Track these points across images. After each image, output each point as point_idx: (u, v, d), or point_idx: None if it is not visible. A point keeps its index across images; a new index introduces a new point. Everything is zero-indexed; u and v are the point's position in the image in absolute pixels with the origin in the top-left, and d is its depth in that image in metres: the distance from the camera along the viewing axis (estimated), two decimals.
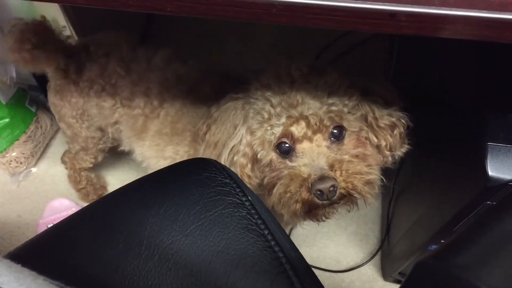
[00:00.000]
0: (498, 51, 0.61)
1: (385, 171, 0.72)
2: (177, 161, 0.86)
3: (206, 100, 0.83)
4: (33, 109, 1.24)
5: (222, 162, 0.69)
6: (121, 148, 1.02)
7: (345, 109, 0.65)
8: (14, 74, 1.15)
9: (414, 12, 0.37)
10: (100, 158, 1.10)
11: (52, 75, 0.94)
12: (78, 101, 0.93)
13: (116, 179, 1.27)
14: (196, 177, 0.56)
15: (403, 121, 0.70)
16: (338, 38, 1.38)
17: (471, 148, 0.60)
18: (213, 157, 0.72)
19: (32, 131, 1.24)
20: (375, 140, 0.68)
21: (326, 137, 0.65)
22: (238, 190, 0.55)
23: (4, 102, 1.14)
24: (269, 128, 0.66)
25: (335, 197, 0.62)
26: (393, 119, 0.69)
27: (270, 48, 1.46)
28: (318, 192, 0.61)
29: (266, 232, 0.51)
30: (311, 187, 0.61)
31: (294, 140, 0.65)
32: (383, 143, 0.69)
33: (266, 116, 0.66)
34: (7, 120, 1.16)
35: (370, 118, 0.68)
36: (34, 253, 0.55)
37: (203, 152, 0.75)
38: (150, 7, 0.41)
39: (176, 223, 0.52)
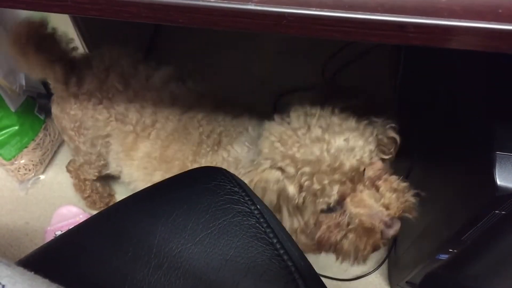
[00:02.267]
0: (506, 61, 0.62)
1: None
2: None
3: (198, 126, 0.85)
4: (42, 117, 1.25)
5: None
6: (107, 171, 1.02)
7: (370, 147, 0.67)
8: (23, 82, 1.16)
9: (423, 23, 0.37)
10: (104, 172, 1.10)
11: (54, 87, 0.95)
12: (76, 113, 0.94)
13: (123, 187, 1.28)
14: (205, 186, 0.57)
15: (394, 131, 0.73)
16: (344, 46, 1.38)
17: (480, 158, 0.60)
18: None
19: (40, 139, 1.24)
20: (384, 156, 0.72)
21: (362, 178, 0.67)
22: (247, 198, 0.55)
23: (13, 110, 1.15)
24: (321, 200, 0.66)
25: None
26: (391, 128, 0.71)
27: (277, 56, 1.46)
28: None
29: (275, 240, 0.51)
30: (382, 234, 0.66)
31: (344, 196, 0.66)
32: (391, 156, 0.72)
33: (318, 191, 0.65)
34: (16, 127, 1.17)
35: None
36: (44, 261, 0.55)
37: None
38: (162, 19, 0.41)
39: (185, 232, 0.52)
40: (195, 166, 0.80)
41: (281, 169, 0.67)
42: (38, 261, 0.55)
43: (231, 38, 1.45)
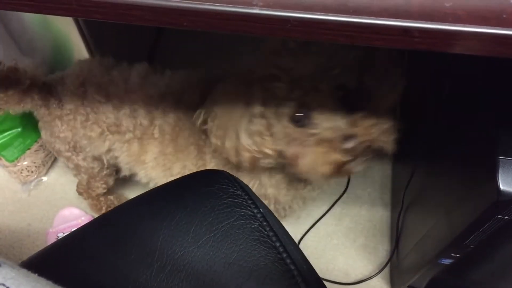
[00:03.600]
0: (510, 65, 0.62)
1: (396, 183, 0.73)
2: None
3: (198, 108, 0.83)
4: None
5: (241, 135, 0.71)
6: (122, 174, 1.00)
7: (345, 69, 0.68)
8: None
9: (427, 28, 0.37)
10: (111, 182, 1.10)
11: (38, 114, 0.94)
12: (67, 135, 0.92)
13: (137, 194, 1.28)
14: (208, 189, 0.57)
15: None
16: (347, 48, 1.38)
17: (482, 162, 0.60)
18: (227, 137, 0.73)
19: (43, 141, 1.25)
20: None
21: (336, 99, 0.68)
22: (250, 202, 0.55)
23: None
24: (283, 102, 0.68)
25: (360, 151, 0.66)
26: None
27: None
28: (347, 150, 0.64)
29: (277, 244, 0.51)
30: (338, 148, 0.65)
31: (309, 108, 0.67)
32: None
33: (280, 94, 0.67)
34: (19, 129, 1.18)
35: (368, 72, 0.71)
36: (47, 263, 0.55)
37: (212, 139, 0.75)
38: (166, 22, 0.41)
39: (188, 234, 0.52)
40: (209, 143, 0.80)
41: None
42: (41, 263, 0.55)
43: (235, 38, 1.45)
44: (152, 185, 0.94)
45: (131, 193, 1.27)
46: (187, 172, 0.86)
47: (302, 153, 0.69)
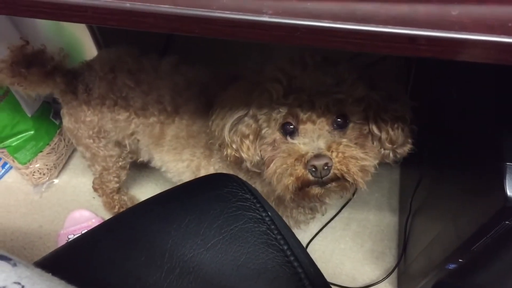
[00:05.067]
0: None
1: (404, 189, 0.73)
2: (194, 162, 0.90)
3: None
4: (57, 122, 1.27)
5: (225, 130, 0.73)
6: (140, 159, 1.03)
7: (350, 100, 0.68)
8: None
9: (434, 36, 0.38)
10: (123, 176, 1.12)
11: (63, 100, 0.97)
12: (92, 119, 0.95)
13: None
14: (217, 192, 0.58)
15: (406, 116, 0.72)
16: (354, 56, 1.39)
17: (490, 168, 0.61)
18: (219, 128, 0.75)
19: (55, 143, 1.27)
20: (378, 132, 0.71)
21: (329, 122, 0.68)
22: (258, 205, 0.56)
23: (29, 115, 1.17)
24: (276, 106, 0.69)
25: (328, 176, 0.65)
26: (397, 114, 0.71)
27: None
28: (312, 168, 0.64)
29: (285, 247, 0.52)
30: (307, 163, 0.64)
31: (299, 121, 0.68)
32: (384, 136, 0.71)
33: (274, 95, 0.68)
34: (32, 132, 1.19)
35: (373, 111, 0.71)
36: (59, 264, 0.56)
37: (212, 127, 0.77)
38: (178, 29, 0.42)
39: (197, 237, 0.53)
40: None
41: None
42: (53, 263, 0.56)
43: (245, 42, 1.46)
44: (164, 169, 0.97)
45: (143, 196, 1.28)
46: (194, 160, 0.89)
47: (273, 159, 0.69)
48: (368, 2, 0.40)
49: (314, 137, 0.67)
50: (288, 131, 0.69)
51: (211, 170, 0.88)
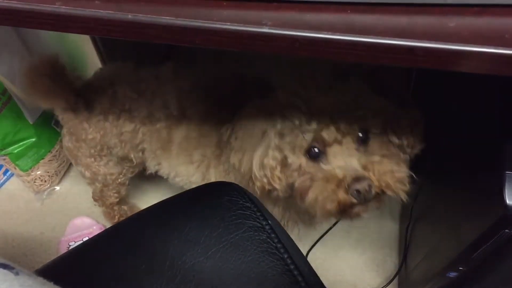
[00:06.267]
0: None
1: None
2: (204, 162, 0.90)
3: (228, 101, 0.85)
4: (59, 129, 1.28)
5: (254, 166, 0.72)
6: (149, 171, 1.02)
7: (370, 114, 0.68)
8: None
9: (432, 47, 0.38)
10: (123, 192, 1.12)
11: (63, 118, 0.96)
12: (95, 137, 0.94)
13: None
14: (218, 201, 0.58)
15: (420, 118, 0.72)
16: (355, 65, 1.39)
17: (490, 177, 0.61)
18: (243, 162, 0.74)
19: (57, 151, 1.27)
20: (396, 140, 0.71)
21: (355, 140, 0.68)
22: (258, 214, 0.56)
23: (31, 122, 1.18)
24: (299, 133, 0.68)
25: (370, 196, 0.64)
26: (411, 117, 0.71)
27: (292, 68, 1.47)
28: (356, 192, 0.63)
29: (285, 256, 0.52)
30: (348, 187, 0.64)
31: (325, 144, 0.68)
32: (405, 142, 0.72)
33: (296, 122, 0.68)
34: (33, 139, 1.20)
35: (390, 119, 0.71)
36: (61, 272, 0.57)
37: (231, 158, 0.76)
38: (180, 40, 0.43)
39: (198, 245, 0.53)
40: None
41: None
42: (55, 272, 0.57)
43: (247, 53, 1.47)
44: (173, 175, 0.96)
45: (143, 205, 1.28)
46: (205, 161, 0.89)
47: (310, 186, 0.68)
48: (367, 14, 0.40)
49: (346, 159, 0.66)
50: (314, 154, 0.69)
51: (221, 169, 0.88)
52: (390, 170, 0.66)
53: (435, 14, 0.39)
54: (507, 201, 0.56)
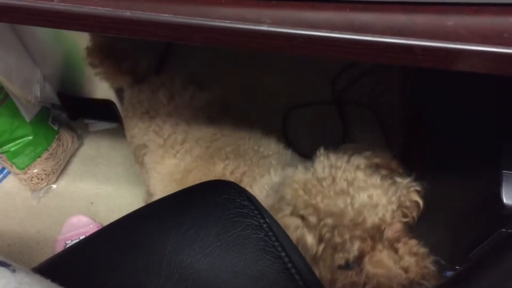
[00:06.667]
0: None
1: None
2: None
3: (224, 159, 0.84)
4: (55, 127, 1.28)
5: None
6: None
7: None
8: (38, 94, 1.19)
9: (430, 46, 0.38)
10: None
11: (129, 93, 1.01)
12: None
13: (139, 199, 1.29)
14: (216, 199, 0.58)
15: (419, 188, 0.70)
16: (353, 63, 1.40)
17: (487, 176, 0.61)
18: None
19: (53, 149, 1.27)
20: (404, 219, 0.69)
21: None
22: (256, 212, 0.56)
23: (28, 120, 1.18)
24: (341, 254, 0.63)
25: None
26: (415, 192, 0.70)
27: (286, 70, 1.47)
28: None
29: (283, 254, 0.52)
30: None
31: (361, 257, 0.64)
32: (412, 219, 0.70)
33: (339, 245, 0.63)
34: (30, 137, 1.20)
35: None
36: (57, 270, 0.56)
37: None
38: (178, 38, 0.43)
39: (195, 243, 0.53)
40: None
41: (302, 217, 0.65)
42: (51, 270, 0.56)
43: (242, 51, 1.47)
44: (153, 200, 0.96)
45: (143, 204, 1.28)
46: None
47: None
48: (365, 13, 0.40)
49: (389, 265, 0.63)
50: (347, 265, 0.64)
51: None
52: (421, 260, 0.65)
53: (434, 13, 0.39)
54: (504, 200, 0.56)
